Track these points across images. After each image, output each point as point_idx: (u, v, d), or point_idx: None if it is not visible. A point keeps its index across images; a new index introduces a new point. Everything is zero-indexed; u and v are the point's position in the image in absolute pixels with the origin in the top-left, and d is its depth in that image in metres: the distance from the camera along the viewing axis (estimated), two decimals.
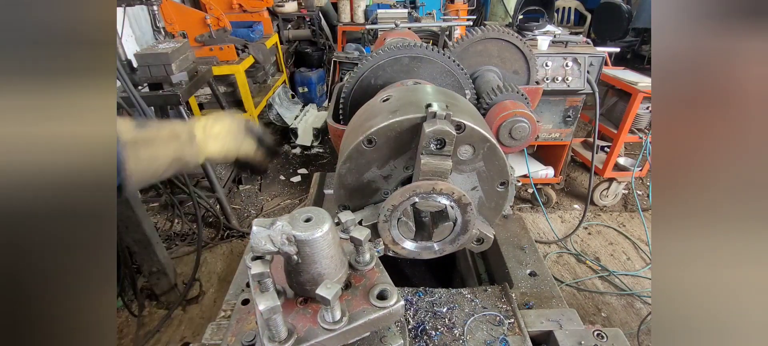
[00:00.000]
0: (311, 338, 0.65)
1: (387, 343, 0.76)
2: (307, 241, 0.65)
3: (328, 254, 0.68)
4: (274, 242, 0.64)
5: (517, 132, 1.30)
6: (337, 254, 0.70)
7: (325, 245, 0.66)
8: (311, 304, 0.71)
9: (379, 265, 0.78)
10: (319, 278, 0.68)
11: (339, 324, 0.66)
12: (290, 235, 0.64)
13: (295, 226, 0.65)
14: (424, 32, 3.96)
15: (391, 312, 0.69)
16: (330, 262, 0.68)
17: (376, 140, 1.00)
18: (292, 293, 0.73)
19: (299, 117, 5.33)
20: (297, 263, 0.67)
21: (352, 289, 0.73)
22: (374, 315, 0.68)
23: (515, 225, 1.71)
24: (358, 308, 0.69)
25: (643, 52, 7.32)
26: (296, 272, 0.69)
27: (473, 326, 1.16)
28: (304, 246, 0.65)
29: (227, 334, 1.11)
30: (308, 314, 0.69)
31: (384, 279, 0.74)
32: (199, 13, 4.57)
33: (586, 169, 4.28)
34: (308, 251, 0.66)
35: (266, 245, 0.63)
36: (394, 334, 0.77)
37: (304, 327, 0.67)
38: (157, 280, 2.77)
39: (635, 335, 2.55)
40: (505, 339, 1.11)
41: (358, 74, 1.46)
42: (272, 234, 0.64)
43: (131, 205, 2.39)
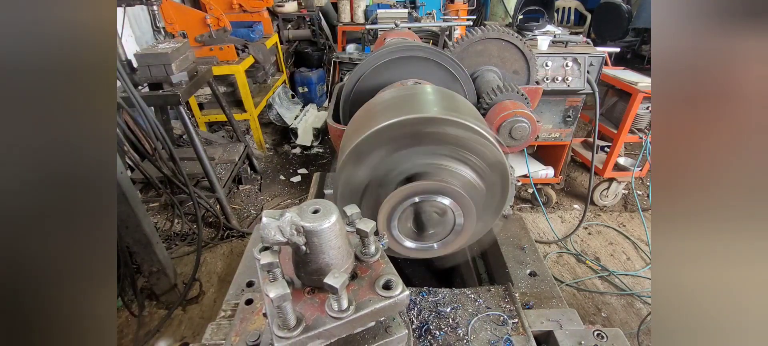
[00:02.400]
0: (319, 325, 0.67)
1: (392, 332, 0.77)
2: (315, 231, 0.67)
3: (336, 245, 0.70)
4: (284, 232, 0.65)
5: (517, 132, 1.30)
6: (344, 244, 0.72)
7: (332, 235, 0.68)
8: (319, 294, 0.73)
9: (384, 256, 0.80)
10: (327, 267, 0.70)
11: (346, 313, 0.68)
12: (299, 225, 0.66)
13: (304, 217, 0.67)
14: (424, 32, 3.96)
15: (396, 302, 0.71)
16: (337, 252, 0.70)
17: (376, 141, 1.00)
18: (299, 284, 0.75)
19: (299, 117, 5.33)
20: (305, 253, 0.69)
21: (358, 279, 0.75)
22: (380, 304, 0.70)
23: (515, 225, 1.71)
24: (365, 298, 0.71)
25: (643, 52, 7.31)
26: (304, 262, 0.71)
27: (477, 325, 1.16)
28: (312, 236, 0.67)
29: (231, 334, 1.11)
30: (316, 303, 0.71)
31: (389, 270, 0.76)
32: (199, 13, 4.56)
33: (586, 170, 4.28)
34: (316, 242, 0.68)
35: (276, 236, 0.65)
36: (399, 324, 0.79)
37: (313, 316, 0.69)
38: (157, 280, 2.77)
39: (635, 335, 2.55)
40: (509, 339, 1.11)
41: (358, 74, 1.46)
42: (281, 225, 0.65)
43: (131, 205, 2.39)
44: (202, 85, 3.57)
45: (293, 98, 5.70)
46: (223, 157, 4.03)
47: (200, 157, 3.33)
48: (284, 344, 0.64)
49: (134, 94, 2.65)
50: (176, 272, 2.89)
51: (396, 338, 0.77)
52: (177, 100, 3.04)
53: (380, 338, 0.76)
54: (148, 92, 3.14)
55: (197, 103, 4.86)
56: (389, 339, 0.77)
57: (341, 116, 1.50)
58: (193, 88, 3.34)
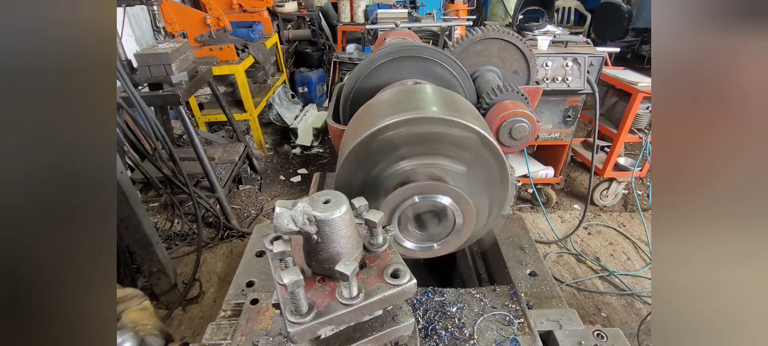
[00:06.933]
0: (330, 312, 0.69)
1: (400, 320, 0.79)
2: (326, 221, 0.69)
3: (346, 234, 0.72)
4: (296, 221, 0.68)
5: (517, 132, 1.30)
6: (353, 234, 0.74)
7: (343, 224, 0.70)
8: (329, 282, 0.75)
9: (392, 247, 0.81)
10: (338, 256, 0.72)
11: (356, 300, 0.70)
12: (311, 215, 0.69)
13: (316, 207, 0.70)
14: (424, 32, 3.95)
15: (404, 289, 0.73)
16: (347, 241, 0.73)
17: (376, 140, 1.00)
18: (310, 272, 0.77)
19: (299, 117, 5.33)
20: (316, 242, 0.71)
21: (366, 269, 0.77)
22: (388, 292, 0.72)
23: (515, 225, 1.71)
24: (374, 286, 0.73)
25: (643, 52, 7.32)
26: (315, 251, 0.73)
27: (483, 325, 1.16)
28: (323, 226, 0.69)
29: (236, 333, 1.11)
30: (327, 291, 0.74)
31: (397, 260, 0.78)
32: (199, 13, 4.57)
33: (586, 169, 4.28)
34: (327, 231, 0.70)
35: (289, 225, 0.68)
36: (406, 312, 0.81)
37: (324, 303, 0.71)
38: (157, 280, 2.77)
39: (635, 335, 2.55)
40: (515, 339, 1.11)
41: (358, 74, 1.46)
42: (294, 214, 0.68)
43: (131, 205, 2.39)
44: (202, 85, 3.57)
45: (293, 98, 5.70)
46: (223, 157, 4.03)
47: (200, 157, 3.33)
48: (297, 329, 0.66)
49: (134, 94, 2.65)
50: (176, 272, 2.89)
51: (403, 325, 0.79)
52: (177, 100, 3.04)
53: (388, 326, 0.78)
54: (148, 92, 3.14)
55: (197, 103, 4.86)
56: (397, 327, 0.79)
57: (341, 116, 1.50)
58: (193, 88, 3.34)
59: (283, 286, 0.65)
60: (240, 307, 1.26)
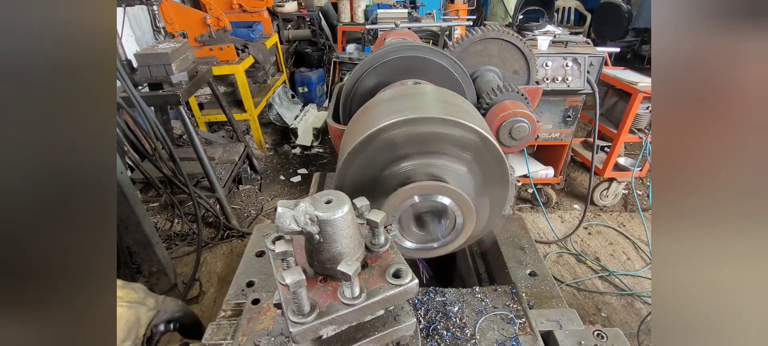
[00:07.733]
0: (332, 312, 0.69)
1: (401, 320, 0.80)
2: (328, 220, 0.69)
3: (348, 234, 0.72)
4: (298, 221, 0.68)
5: (517, 132, 1.30)
6: (355, 234, 0.74)
7: (345, 224, 0.70)
8: (331, 282, 0.75)
9: (393, 247, 0.82)
10: (339, 256, 0.72)
11: (358, 300, 0.70)
12: (313, 215, 0.69)
13: (318, 207, 0.70)
14: (424, 32, 3.95)
15: (406, 289, 0.73)
16: (349, 241, 0.73)
17: (376, 141, 1.00)
18: (312, 272, 0.77)
19: (299, 117, 5.33)
20: (318, 242, 0.71)
21: (368, 269, 0.77)
22: (390, 292, 0.72)
23: (515, 225, 1.71)
24: (375, 286, 0.73)
25: (643, 52, 7.32)
26: (317, 251, 0.73)
27: (485, 325, 1.16)
28: (325, 226, 0.69)
29: (238, 333, 1.11)
30: (328, 291, 0.74)
31: (399, 260, 0.78)
32: (199, 13, 4.57)
33: (586, 169, 4.28)
34: (329, 231, 0.70)
35: (291, 225, 0.68)
36: (407, 312, 0.81)
37: (326, 303, 0.71)
38: (157, 280, 2.77)
39: (635, 335, 2.55)
40: (516, 339, 1.11)
41: (358, 74, 1.46)
42: (296, 214, 0.68)
43: (131, 205, 2.39)
44: (202, 85, 3.57)
45: (293, 98, 5.70)
46: (223, 157, 4.03)
47: (200, 157, 3.33)
48: (299, 329, 0.66)
49: (134, 94, 2.65)
50: (176, 272, 2.89)
51: (405, 325, 0.79)
52: (177, 100, 3.04)
53: (390, 326, 0.78)
54: (148, 92, 3.14)
55: (197, 103, 4.86)
56: (398, 327, 0.79)
57: (341, 116, 1.50)
58: (193, 88, 3.34)
59: (285, 286, 0.65)
60: (240, 307, 1.26)
